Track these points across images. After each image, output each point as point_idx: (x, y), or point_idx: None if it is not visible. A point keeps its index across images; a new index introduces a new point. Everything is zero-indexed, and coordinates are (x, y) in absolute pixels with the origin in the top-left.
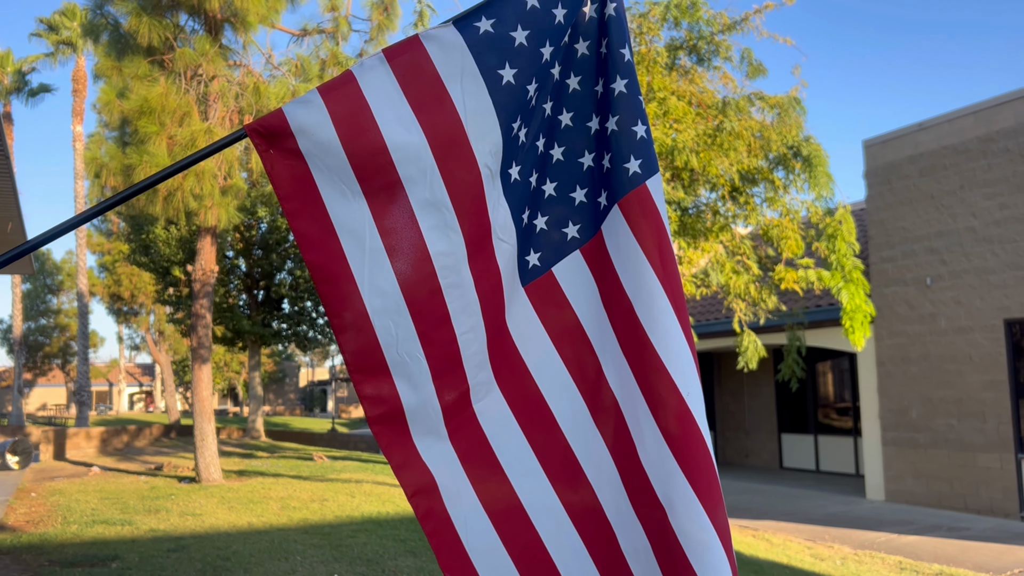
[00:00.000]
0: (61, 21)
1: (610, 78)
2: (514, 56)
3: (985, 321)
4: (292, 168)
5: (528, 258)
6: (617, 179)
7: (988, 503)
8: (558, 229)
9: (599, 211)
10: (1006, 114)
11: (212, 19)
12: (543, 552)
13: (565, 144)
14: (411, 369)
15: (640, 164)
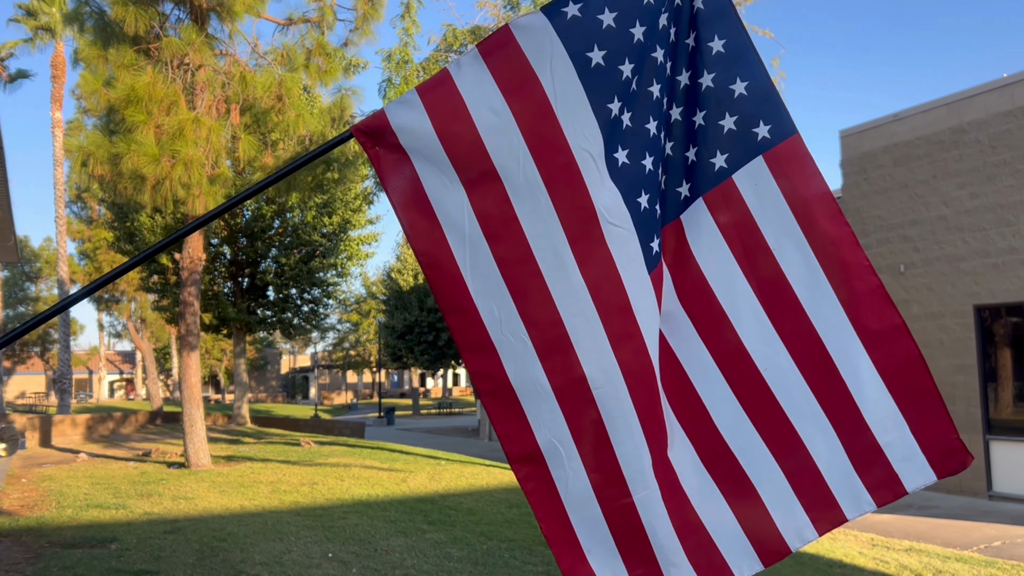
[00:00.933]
0: (40, 7)
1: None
2: (603, 38)
3: (956, 307)
4: (397, 163)
5: (652, 244)
6: (742, 142)
7: (958, 483)
8: (673, 203)
9: (714, 172)
10: (977, 106)
11: (198, 8)
12: (636, 518)
13: (679, 108)
14: (515, 348)
15: (770, 130)
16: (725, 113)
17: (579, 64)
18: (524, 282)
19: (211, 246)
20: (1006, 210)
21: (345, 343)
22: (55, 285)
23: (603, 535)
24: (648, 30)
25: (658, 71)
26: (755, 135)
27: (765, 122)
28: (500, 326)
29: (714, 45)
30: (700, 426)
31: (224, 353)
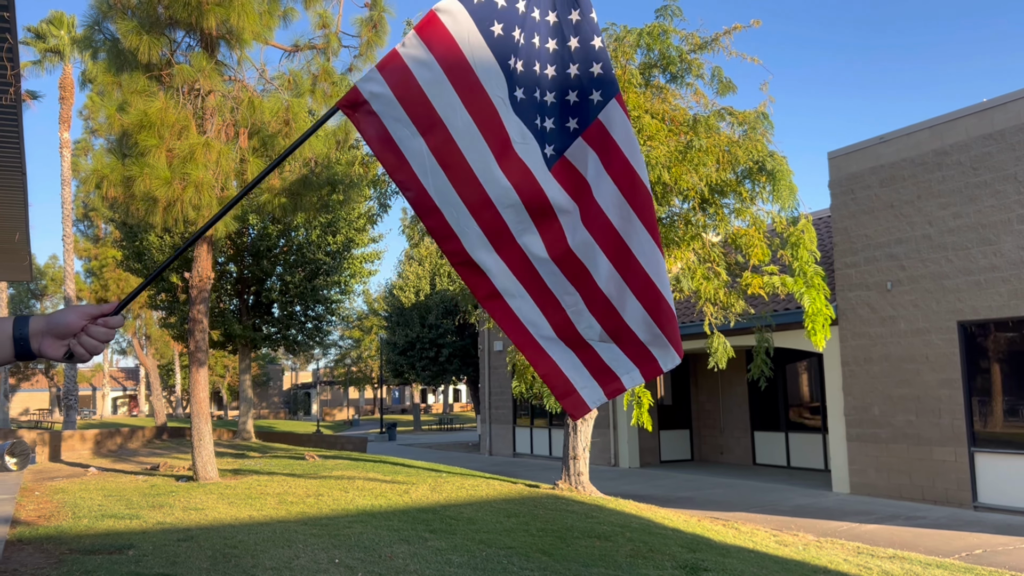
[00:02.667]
0: (48, 29)
1: (572, 9)
2: (499, 14)
3: (940, 323)
4: (372, 124)
5: (546, 150)
6: (607, 83)
7: (944, 494)
8: (562, 125)
9: (593, 105)
10: (958, 129)
11: (208, 36)
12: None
13: (555, 63)
14: (470, 234)
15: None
16: (592, 62)
17: (485, 34)
18: (471, 192)
19: (218, 264)
20: (987, 229)
21: (347, 359)
22: (61, 302)
23: (564, 351)
24: (528, 3)
25: (545, 30)
26: (611, 77)
27: (609, 69)
28: (458, 222)
29: (576, 18)
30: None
31: (227, 369)
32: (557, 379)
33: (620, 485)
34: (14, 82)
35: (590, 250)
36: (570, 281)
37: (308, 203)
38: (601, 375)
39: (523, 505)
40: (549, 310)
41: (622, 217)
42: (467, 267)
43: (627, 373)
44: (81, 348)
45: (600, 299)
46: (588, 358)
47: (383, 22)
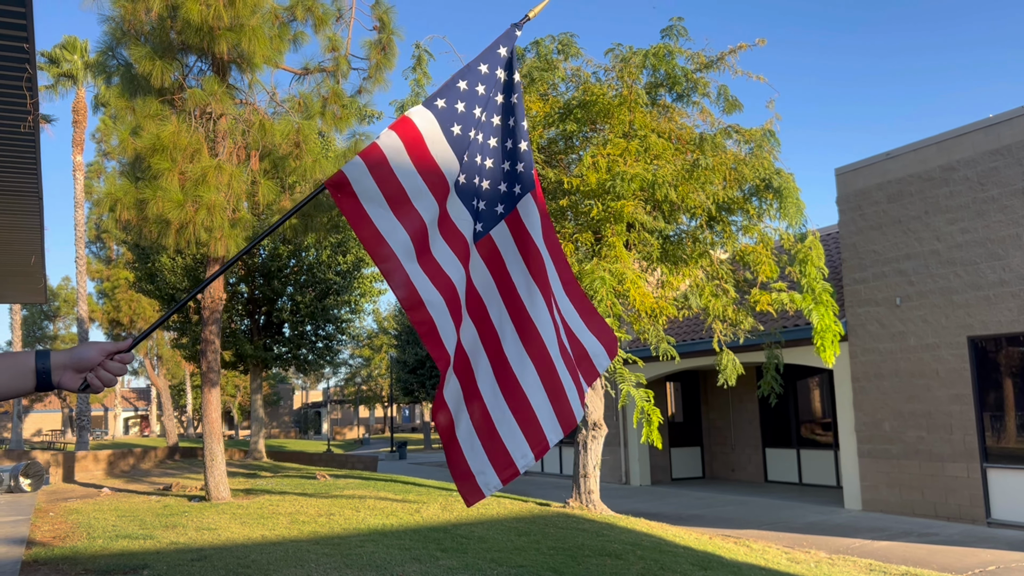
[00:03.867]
0: (62, 54)
1: (510, 117)
2: (459, 118)
3: (950, 338)
4: (352, 203)
5: (476, 227)
6: (527, 179)
7: (957, 510)
8: (492, 209)
9: (515, 196)
10: (965, 145)
11: (220, 60)
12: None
13: (493, 157)
14: (434, 302)
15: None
16: (518, 162)
17: (447, 135)
18: (426, 257)
19: (229, 285)
20: (995, 244)
21: (357, 378)
22: (73, 323)
23: (469, 429)
24: (483, 109)
25: (484, 126)
26: (531, 175)
27: (530, 168)
28: (425, 292)
29: (512, 124)
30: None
31: (237, 389)
32: (457, 461)
33: (631, 503)
34: (33, 111)
35: (502, 317)
36: (486, 350)
37: (318, 224)
38: (497, 460)
39: (534, 523)
40: (465, 378)
41: (535, 303)
42: (431, 338)
43: (522, 457)
44: (97, 381)
45: (506, 370)
46: (489, 440)
47: (392, 45)
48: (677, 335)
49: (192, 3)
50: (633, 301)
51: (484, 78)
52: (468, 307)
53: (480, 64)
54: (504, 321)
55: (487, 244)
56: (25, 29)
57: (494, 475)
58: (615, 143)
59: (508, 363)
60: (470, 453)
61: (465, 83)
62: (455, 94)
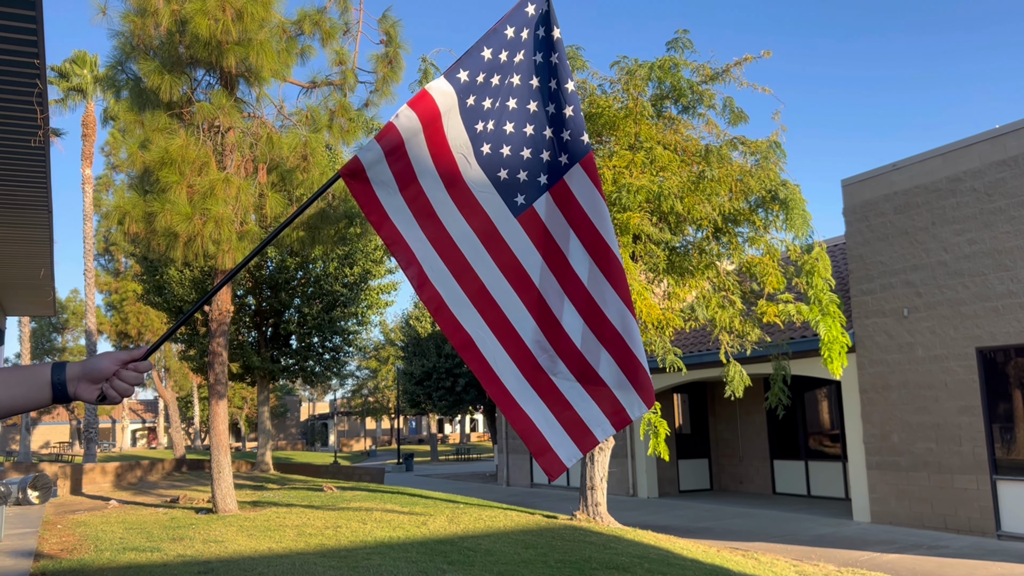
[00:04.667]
0: (71, 69)
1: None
2: (478, 90)
3: (959, 350)
4: (364, 188)
5: (516, 200)
6: (575, 147)
7: (966, 522)
8: (534, 179)
9: (561, 167)
10: (971, 156)
11: (228, 74)
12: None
13: (533, 123)
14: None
15: (583, 141)
16: (563, 128)
17: (460, 105)
18: (441, 240)
19: (237, 297)
20: (1003, 255)
21: (364, 390)
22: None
23: (538, 404)
24: (509, 76)
25: (525, 93)
26: (581, 143)
27: (579, 135)
28: (432, 269)
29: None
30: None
31: (245, 401)
32: (533, 436)
33: (638, 515)
34: (43, 125)
35: (558, 299)
36: (539, 325)
37: (326, 236)
38: (574, 430)
39: (541, 536)
40: (519, 356)
41: (593, 280)
42: (442, 314)
43: (599, 425)
44: (113, 391)
45: (570, 347)
46: (560, 411)
47: (398, 58)
48: (684, 347)
49: (201, 18)
50: (640, 312)
51: (510, 43)
52: (512, 281)
53: (507, 27)
54: (568, 309)
55: (531, 218)
56: (36, 45)
57: (572, 445)
58: (621, 155)
59: (568, 336)
60: (546, 428)
61: (489, 51)
62: (478, 64)
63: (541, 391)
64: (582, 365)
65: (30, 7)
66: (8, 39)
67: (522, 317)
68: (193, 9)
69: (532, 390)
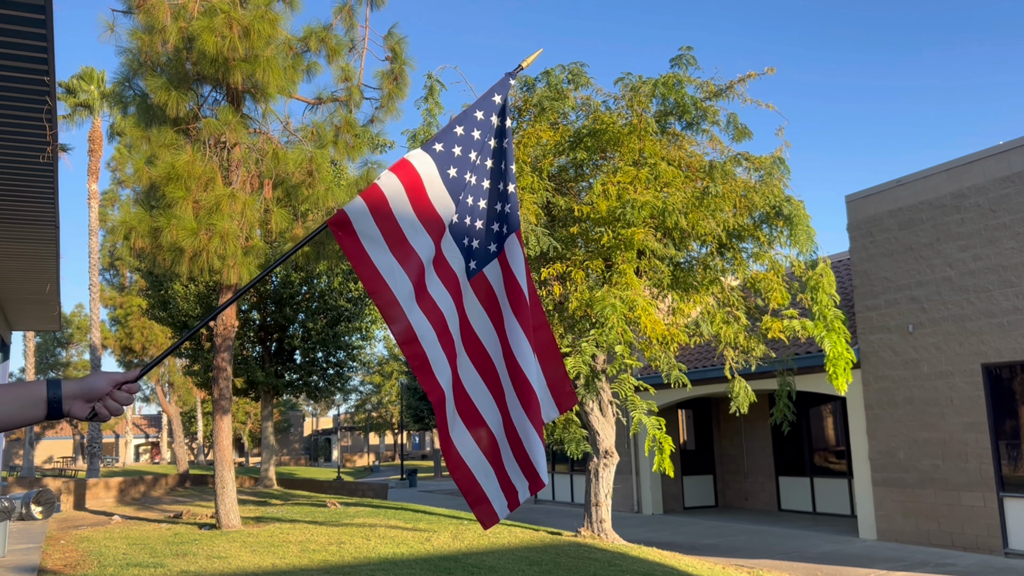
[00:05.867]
0: (79, 84)
1: (501, 160)
2: (455, 161)
3: (964, 366)
4: (352, 241)
5: (470, 264)
6: (513, 219)
7: (974, 540)
8: (485, 247)
9: (503, 235)
10: (976, 172)
11: (234, 91)
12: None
13: (485, 198)
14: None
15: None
16: (507, 203)
17: (443, 176)
18: (424, 298)
19: (241, 312)
20: (1008, 271)
21: (367, 405)
22: (86, 350)
23: (480, 458)
24: (478, 153)
25: (478, 169)
26: (516, 215)
27: (515, 209)
28: (419, 327)
29: (503, 167)
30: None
31: (248, 416)
32: (470, 486)
33: (643, 532)
34: (52, 142)
35: (498, 351)
36: (482, 378)
37: (330, 251)
38: (506, 487)
39: (545, 553)
40: (468, 413)
41: (512, 329)
42: (424, 372)
43: (522, 485)
44: (105, 411)
45: (503, 407)
46: (497, 467)
47: (404, 75)
48: (688, 362)
49: (208, 35)
50: (644, 328)
51: (480, 123)
52: (464, 342)
53: (476, 111)
54: (499, 356)
55: (481, 281)
56: (46, 63)
57: (504, 500)
58: (625, 171)
59: (504, 396)
60: (484, 479)
61: (462, 128)
62: (452, 139)
63: (482, 446)
64: (509, 427)
65: (41, 25)
66: (18, 56)
67: (474, 381)
68: (200, 26)
69: (475, 444)
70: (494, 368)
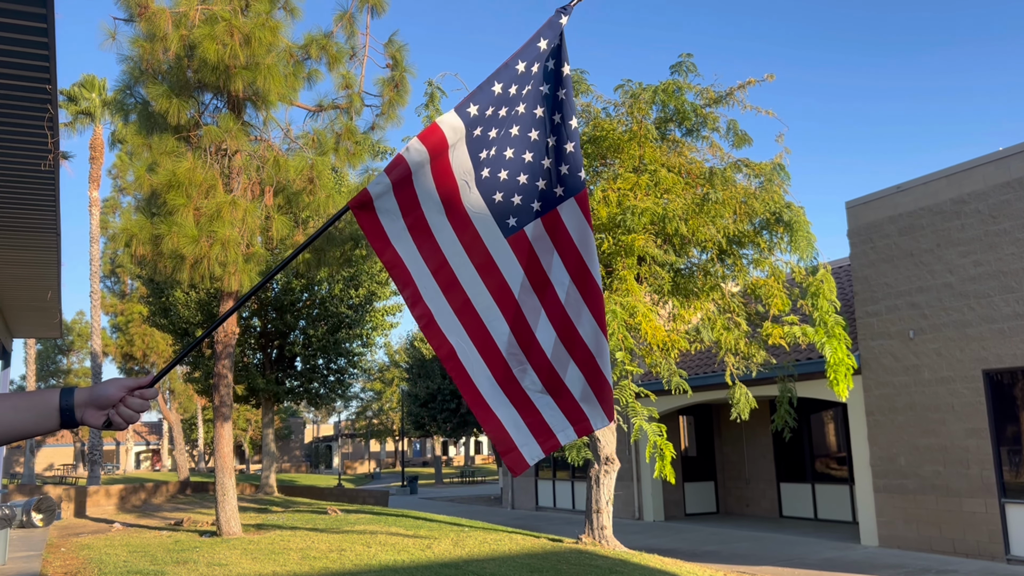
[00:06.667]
0: (80, 92)
1: (556, 112)
2: (485, 122)
3: (965, 372)
4: (370, 218)
5: (508, 221)
6: (572, 182)
7: (975, 546)
8: (527, 204)
9: (556, 197)
10: (976, 178)
11: (235, 98)
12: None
13: (533, 151)
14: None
15: (581, 178)
16: (562, 162)
17: (468, 136)
18: (434, 257)
19: (242, 319)
20: (1009, 277)
21: (368, 412)
22: (87, 358)
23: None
24: (515, 107)
25: (529, 122)
26: (577, 179)
27: (576, 171)
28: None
29: (558, 120)
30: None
31: (249, 423)
32: (500, 436)
33: (644, 539)
34: (53, 150)
35: (536, 315)
36: (516, 338)
37: (331, 258)
38: (539, 433)
39: (546, 560)
40: (495, 365)
41: (571, 300)
42: (431, 329)
43: (562, 430)
44: (119, 418)
45: (542, 358)
46: (528, 415)
47: (404, 82)
48: (689, 368)
49: (209, 42)
50: (645, 334)
51: (520, 77)
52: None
53: (518, 62)
54: (544, 327)
55: (521, 240)
56: (48, 71)
57: (536, 446)
58: (625, 177)
59: (541, 348)
60: (513, 429)
61: (500, 86)
62: (488, 99)
63: (512, 397)
64: (551, 376)
65: (42, 33)
66: (20, 64)
67: (501, 329)
68: (201, 34)
69: (504, 395)
70: (533, 335)
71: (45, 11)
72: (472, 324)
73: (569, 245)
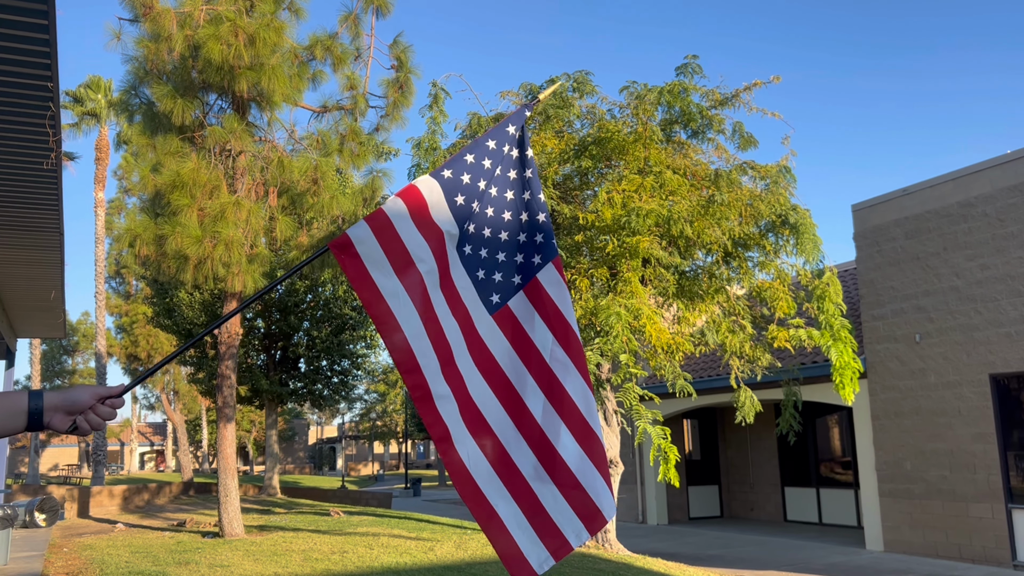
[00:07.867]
0: (86, 93)
1: (525, 190)
2: (463, 189)
3: (972, 376)
4: (355, 264)
5: (491, 298)
6: (547, 249)
7: (982, 552)
8: (508, 279)
9: (535, 267)
10: (983, 181)
11: (240, 99)
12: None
13: (507, 230)
14: (431, 367)
15: (547, 247)
16: (536, 233)
17: (450, 204)
18: (430, 325)
19: (246, 320)
20: (1016, 281)
21: (372, 413)
22: (91, 358)
23: (508, 502)
24: (487, 182)
25: (501, 204)
26: (552, 245)
27: (550, 239)
28: (422, 354)
29: (528, 197)
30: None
31: (253, 424)
32: (502, 537)
33: (648, 543)
34: (55, 148)
35: (527, 386)
36: (513, 422)
37: (335, 260)
38: (546, 534)
39: None
40: (495, 456)
41: (557, 362)
42: (426, 404)
43: (574, 532)
44: (86, 424)
45: (536, 431)
46: (533, 513)
47: (409, 83)
48: (694, 371)
49: (214, 43)
50: (649, 337)
51: (492, 153)
52: (488, 379)
53: (488, 140)
54: (533, 393)
55: (506, 315)
56: (49, 68)
57: (544, 551)
58: (630, 179)
59: (546, 436)
60: (516, 529)
61: (472, 157)
62: (462, 166)
63: (512, 487)
64: (554, 461)
65: (44, 31)
66: (22, 62)
67: (499, 415)
68: (206, 34)
69: (505, 490)
70: (525, 406)
71: (46, 8)
72: (468, 410)
73: (551, 307)
